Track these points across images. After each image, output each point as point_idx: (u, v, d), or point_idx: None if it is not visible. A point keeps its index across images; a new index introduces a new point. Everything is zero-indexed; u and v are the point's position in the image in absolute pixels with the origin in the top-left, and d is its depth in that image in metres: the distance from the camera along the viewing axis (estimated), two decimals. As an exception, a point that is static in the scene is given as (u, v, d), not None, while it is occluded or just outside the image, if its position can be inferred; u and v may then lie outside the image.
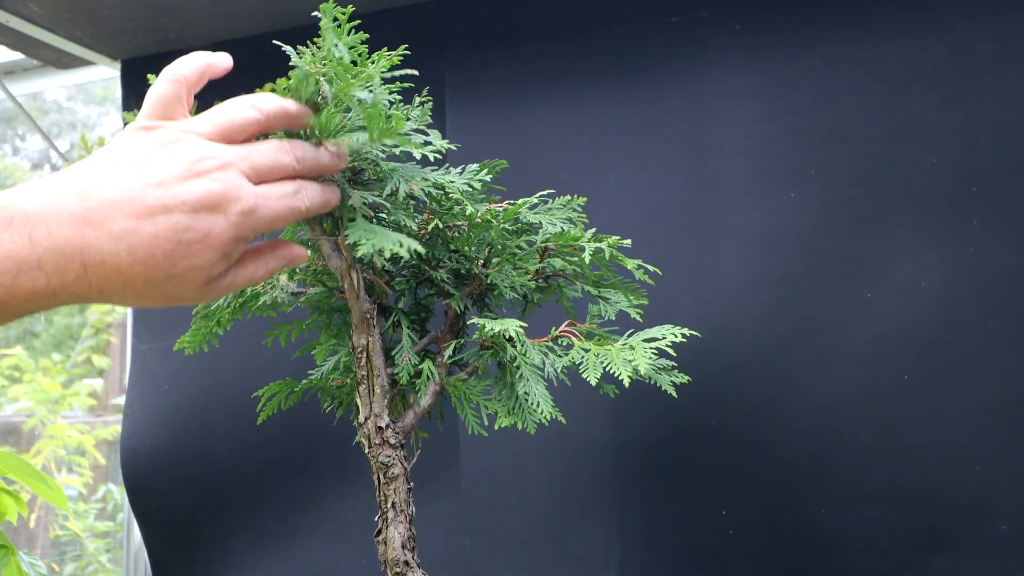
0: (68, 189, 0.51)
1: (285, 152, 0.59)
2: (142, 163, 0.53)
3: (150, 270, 0.52)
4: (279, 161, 0.58)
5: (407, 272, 0.80)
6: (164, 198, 0.52)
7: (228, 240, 0.54)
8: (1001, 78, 0.98)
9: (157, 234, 0.51)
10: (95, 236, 0.50)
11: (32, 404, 3.44)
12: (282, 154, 0.58)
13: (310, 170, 0.61)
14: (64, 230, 0.50)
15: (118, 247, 0.50)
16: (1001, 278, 0.97)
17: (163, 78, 0.59)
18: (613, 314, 0.80)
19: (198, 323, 0.82)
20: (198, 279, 0.54)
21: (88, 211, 0.50)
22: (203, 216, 0.53)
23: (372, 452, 0.74)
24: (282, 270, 0.62)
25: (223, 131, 0.57)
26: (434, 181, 0.72)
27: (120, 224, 0.51)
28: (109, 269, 0.51)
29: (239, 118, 0.58)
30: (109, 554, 3.21)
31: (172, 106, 0.58)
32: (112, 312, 3.68)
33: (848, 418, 1.02)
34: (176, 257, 0.52)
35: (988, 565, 0.97)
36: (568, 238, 0.75)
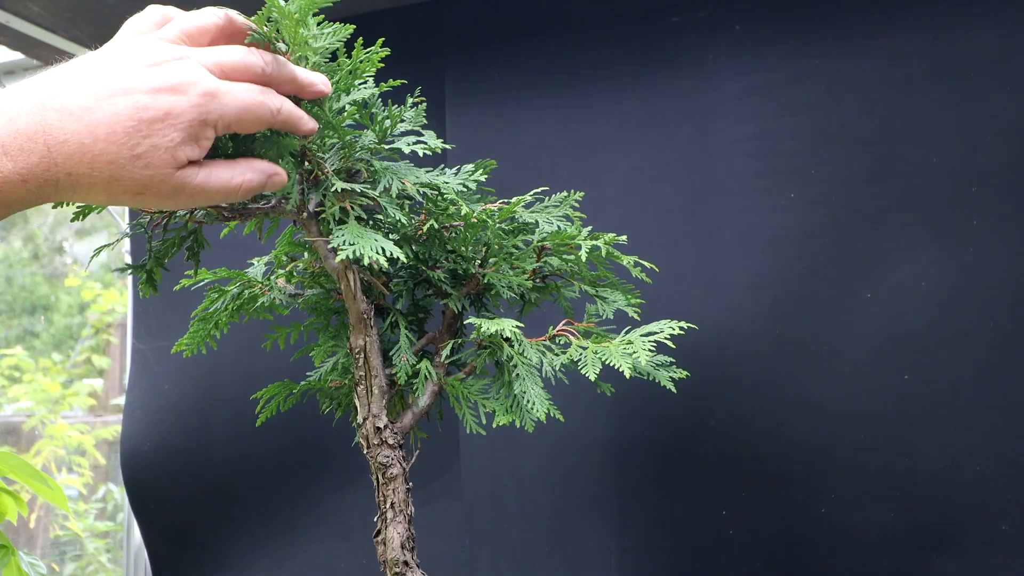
0: (28, 84, 0.53)
1: (252, 54, 0.60)
2: (104, 60, 0.55)
3: (113, 148, 0.52)
4: (245, 60, 0.59)
5: (404, 273, 0.80)
6: (123, 81, 0.53)
7: (191, 120, 0.55)
8: (1001, 78, 0.98)
9: (117, 112, 0.52)
10: (55, 116, 0.51)
11: (32, 404, 3.44)
12: (249, 55, 0.60)
13: (283, 79, 0.62)
14: (24, 115, 0.51)
15: (78, 124, 0.52)
16: (1001, 278, 0.97)
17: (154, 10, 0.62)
18: (611, 313, 0.80)
19: (196, 325, 0.82)
20: (164, 160, 0.54)
21: (48, 96, 0.52)
22: (163, 95, 0.54)
23: (371, 452, 0.74)
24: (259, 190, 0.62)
25: (187, 33, 0.59)
26: (428, 181, 0.72)
27: (79, 103, 0.52)
28: (72, 148, 0.51)
29: (200, 22, 0.60)
30: (109, 554, 3.21)
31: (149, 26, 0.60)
32: (112, 312, 3.68)
33: (848, 418, 1.02)
34: (138, 135, 0.53)
35: (988, 565, 0.97)
36: (564, 237, 0.75)
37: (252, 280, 0.82)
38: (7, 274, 4.48)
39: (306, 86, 0.63)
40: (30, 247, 4.55)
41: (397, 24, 1.26)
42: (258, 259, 0.86)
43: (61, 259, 4.64)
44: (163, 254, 0.76)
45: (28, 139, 0.51)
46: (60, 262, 4.62)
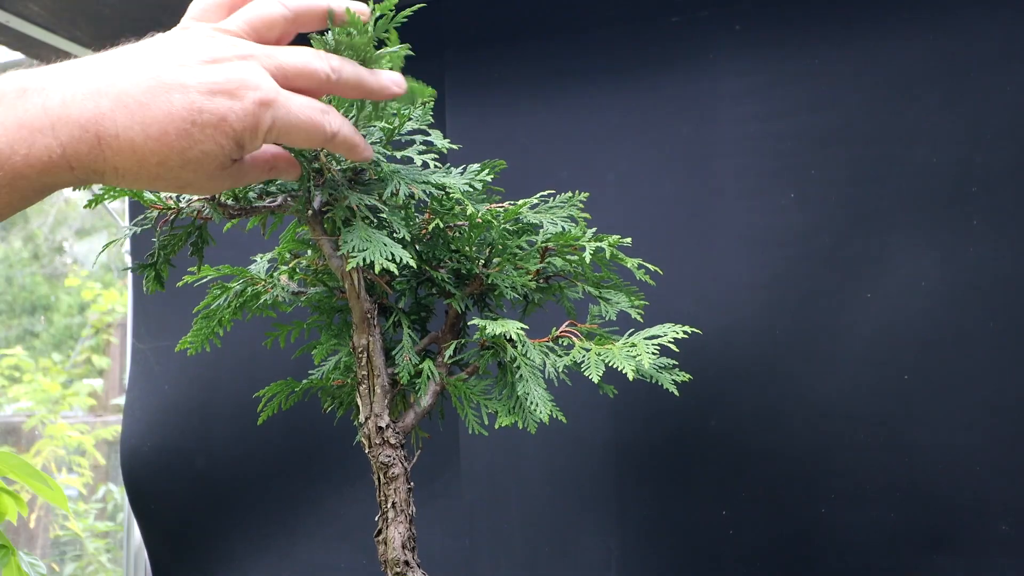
0: (85, 65, 0.51)
1: (318, 58, 0.57)
2: (163, 50, 0.53)
3: (164, 150, 0.51)
4: (310, 64, 0.56)
5: (408, 272, 0.80)
6: (181, 77, 0.51)
7: (244, 128, 0.53)
8: (1001, 78, 0.98)
9: (172, 112, 0.50)
10: (110, 108, 0.50)
11: (32, 404, 3.44)
12: (315, 59, 0.57)
13: (350, 87, 0.59)
14: (79, 100, 0.49)
15: (132, 121, 0.50)
16: (1001, 278, 0.97)
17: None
18: (614, 314, 0.80)
19: (199, 323, 0.82)
20: (211, 166, 0.53)
21: (105, 84, 0.50)
22: (219, 99, 0.52)
23: (372, 452, 0.74)
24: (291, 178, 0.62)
25: (252, 26, 0.56)
26: (435, 182, 0.72)
27: (135, 98, 0.50)
28: (123, 144, 0.50)
29: (266, 13, 0.57)
30: (109, 554, 3.21)
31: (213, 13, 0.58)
32: (112, 312, 3.68)
33: (848, 418, 1.02)
34: (190, 139, 0.51)
35: (988, 565, 0.97)
36: (569, 238, 0.75)
37: (255, 277, 0.81)
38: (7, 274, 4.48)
39: (377, 92, 0.61)
40: (30, 247, 4.55)
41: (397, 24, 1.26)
42: (261, 256, 0.86)
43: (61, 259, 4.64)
44: (169, 250, 0.76)
45: (80, 127, 0.49)
46: (60, 262, 4.62)
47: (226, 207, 0.72)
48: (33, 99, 0.49)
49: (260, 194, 0.74)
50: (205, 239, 0.77)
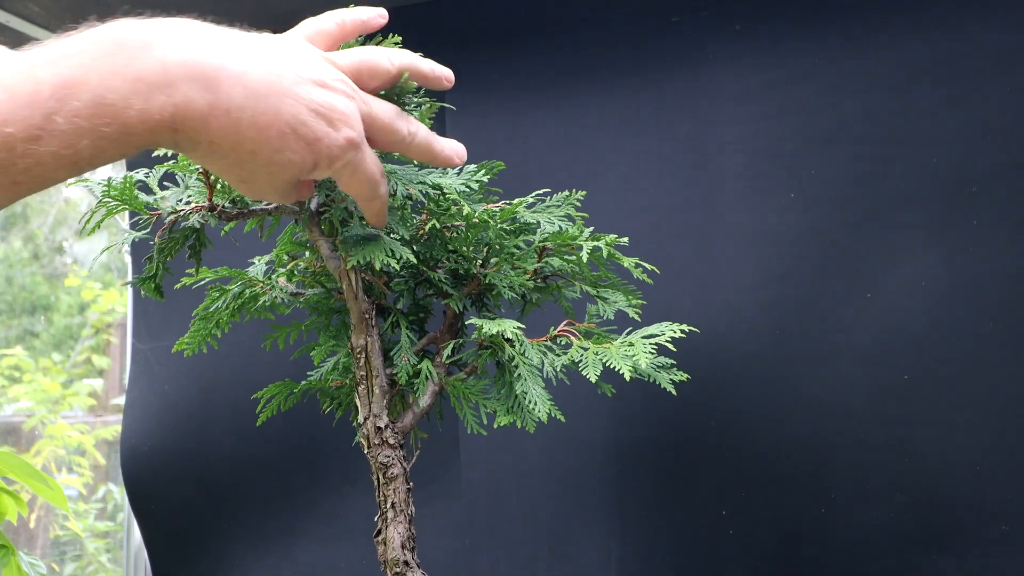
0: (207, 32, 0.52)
1: (403, 118, 0.61)
2: (284, 54, 0.54)
3: (261, 141, 0.52)
4: (394, 123, 0.60)
5: (406, 273, 0.80)
6: (298, 87, 0.53)
7: (329, 156, 0.55)
8: (1001, 78, 0.98)
9: (281, 113, 0.52)
10: (229, 82, 0.50)
11: (32, 404, 3.44)
12: (400, 119, 0.61)
13: (420, 151, 0.63)
14: (201, 64, 0.49)
15: (246, 102, 0.51)
16: (1001, 278, 0.97)
17: (329, 17, 0.63)
18: (612, 314, 0.80)
19: (197, 324, 0.82)
20: (286, 175, 0.55)
21: (227, 58, 0.50)
22: (320, 121, 0.54)
23: (371, 452, 0.74)
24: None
25: (358, 69, 0.60)
26: (431, 183, 0.72)
27: (255, 85, 0.51)
28: (231, 120, 0.50)
29: (372, 62, 0.61)
30: (109, 554, 3.22)
31: (319, 39, 0.62)
32: (112, 312, 3.68)
33: (848, 418, 1.02)
34: (284, 144, 0.53)
35: (988, 565, 0.97)
36: (566, 237, 0.75)
37: (253, 279, 0.82)
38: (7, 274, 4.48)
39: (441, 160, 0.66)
40: (30, 247, 4.55)
41: (397, 24, 1.26)
42: (259, 258, 0.86)
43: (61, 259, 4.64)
44: (167, 253, 0.76)
45: (198, 91, 0.49)
46: (60, 262, 4.62)
47: (223, 210, 0.72)
48: (154, 53, 0.48)
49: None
50: (203, 242, 0.77)
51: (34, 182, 0.46)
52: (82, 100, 0.46)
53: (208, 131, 0.50)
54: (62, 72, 0.46)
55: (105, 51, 0.47)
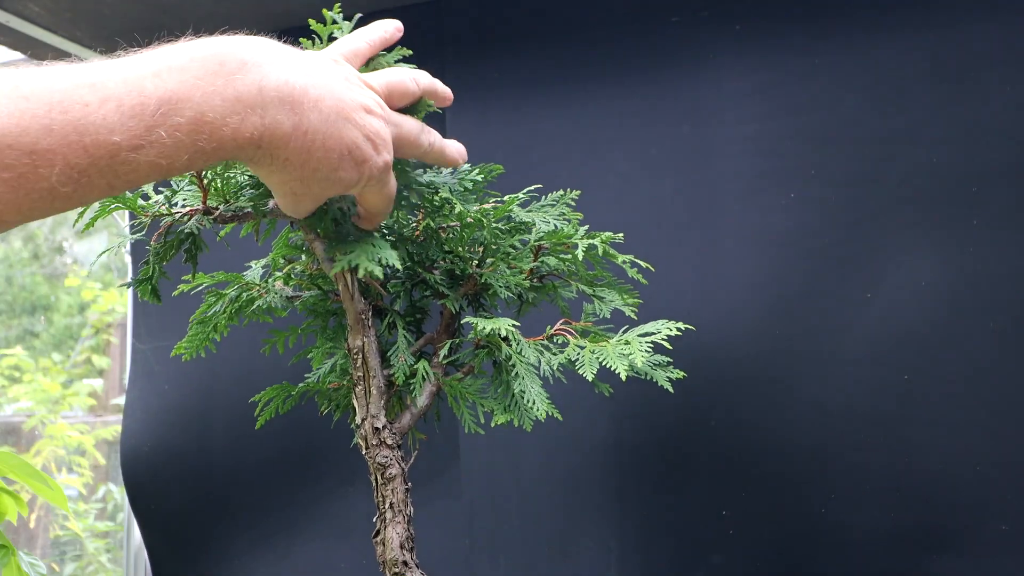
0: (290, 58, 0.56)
1: (426, 132, 0.68)
2: (339, 80, 0.60)
3: (324, 159, 0.58)
4: (418, 138, 0.67)
5: (402, 274, 0.80)
6: (356, 113, 0.59)
7: (368, 176, 0.61)
8: (1001, 78, 0.98)
9: (343, 137, 0.58)
10: (309, 108, 0.55)
11: (32, 404, 3.44)
12: (423, 133, 0.68)
13: (433, 157, 0.70)
14: (290, 91, 0.54)
15: (320, 126, 0.56)
16: (1001, 278, 0.97)
17: (360, 36, 0.69)
18: (608, 312, 0.79)
19: (195, 328, 0.82)
20: (334, 190, 0.61)
21: (311, 81, 0.56)
22: (368, 145, 0.60)
23: (369, 453, 0.74)
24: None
25: (388, 91, 0.65)
26: (424, 182, 0.73)
27: (325, 111, 0.57)
28: (306, 141, 0.56)
29: (402, 85, 0.67)
30: (109, 554, 3.22)
31: (355, 61, 0.67)
32: (112, 312, 3.68)
33: (848, 418, 1.02)
34: (342, 163, 0.59)
35: (988, 565, 0.97)
36: (561, 236, 0.75)
37: (250, 283, 0.82)
38: (7, 274, 4.48)
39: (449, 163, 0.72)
40: (30, 247, 4.55)
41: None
42: (255, 262, 0.86)
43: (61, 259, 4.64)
44: (162, 256, 0.76)
45: (285, 114, 0.54)
46: (60, 262, 4.62)
47: (218, 213, 0.73)
48: (252, 75, 0.53)
49: (252, 199, 0.74)
50: (199, 246, 0.77)
51: (125, 185, 0.50)
52: (184, 116, 0.49)
53: (287, 149, 0.55)
54: (167, 87, 0.49)
55: (207, 70, 0.51)
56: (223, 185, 0.72)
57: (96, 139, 0.47)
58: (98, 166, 0.47)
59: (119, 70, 0.49)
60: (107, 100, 0.47)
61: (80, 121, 0.46)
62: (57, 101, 0.46)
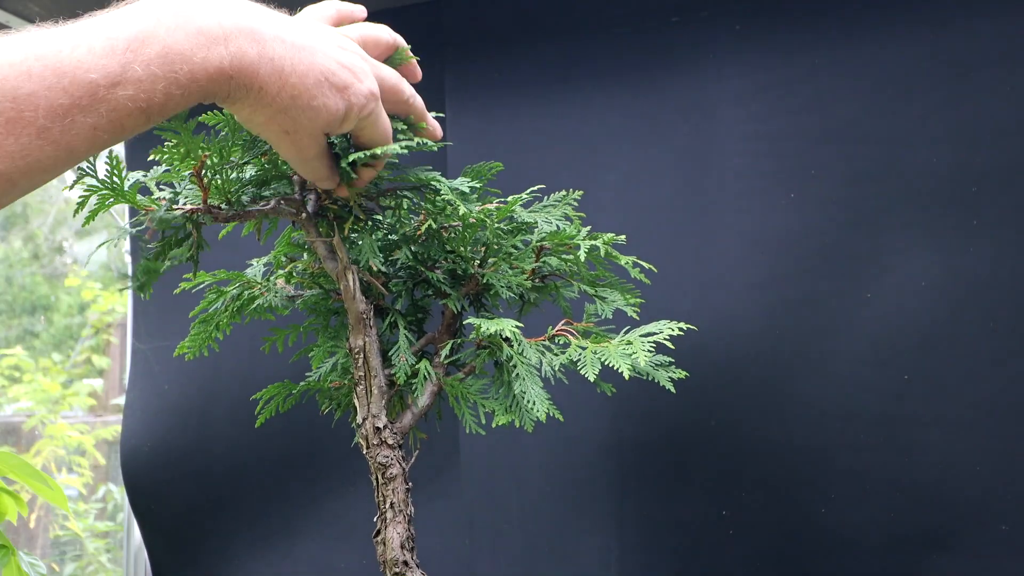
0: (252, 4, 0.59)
1: (405, 83, 0.71)
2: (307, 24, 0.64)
3: (301, 86, 0.60)
4: (399, 85, 0.70)
5: (404, 273, 0.80)
6: (324, 47, 0.62)
7: (354, 104, 0.63)
8: (1001, 78, 0.98)
9: (314, 64, 0.61)
10: (271, 38, 0.58)
11: (32, 404, 3.44)
12: (402, 83, 0.71)
13: (417, 113, 0.72)
14: (248, 23, 0.57)
15: (287, 54, 0.59)
16: (1001, 278, 0.97)
17: (327, 5, 0.73)
18: (610, 313, 0.79)
19: (196, 328, 0.82)
20: (320, 123, 0.63)
21: (266, 23, 0.59)
22: (347, 73, 0.63)
23: (370, 453, 0.74)
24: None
25: (363, 40, 0.69)
26: (428, 178, 0.73)
27: (293, 41, 0.60)
28: (275, 67, 0.58)
29: (375, 34, 0.71)
30: (109, 554, 3.22)
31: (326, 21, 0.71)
32: (112, 312, 3.68)
33: (848, 418, 1.02)
34: (320, 89, 0.61)
35: (988, 565, 0.97)
36: (563, 236, 0.75)
37: (251, 281, 0.82)
38: (7, 274, 4.48)
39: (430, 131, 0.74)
40: (30, 247, 4.55)
41: (397, 24, 1.25)
42: (257, 260, 0.86)
43: (61, 259, 4.64)
44: (160, 255, 0.76)
45: (249, 43, 0.57)
46: (60, 262, 4.62)
47: (218, 211, 0.73)
48: (208, 13, 0.56)
49: (253, 198, 0.74)
50: (200, 244, 0.77)
51: (110, 127, 0.52)
52: (154, 50, 0.52)
53: (258, 77, 0.58)
54: (132, 27, 0.52)
55: (166, 10, 0.54)
56: (224, 183, 0.72)
57: (74, 79, 0.50)
58: (80, 105, 0.50)
59: (84, 22, 0.53)
60: (78, 45, 0.51)
61: (57, 64, 0.50)
62: (31, 50, 0.50)
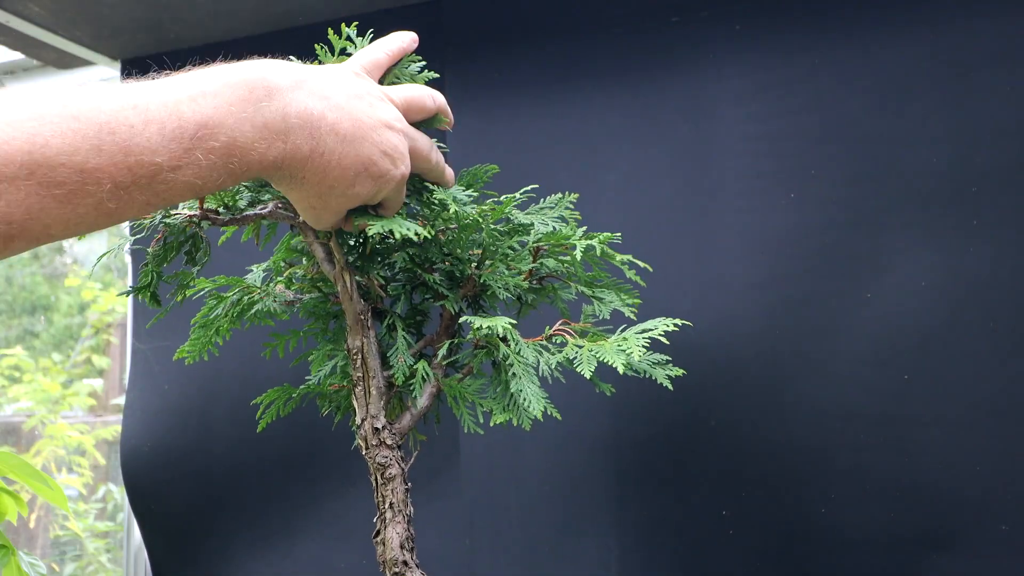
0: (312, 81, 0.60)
1: (435, 151, 0.72)
2: (359, 97, 0.63)
3: (341, 177, 0.62)
4: (429, 154, 0.71)
5: (402, 276, 0.80)
6: (374, 131, 0.63)
7: (386, 189, 0.65)
8: (1001, 78, 0.98)
9: (359, 155, 0.62)
10: (327, 131, 0.59)
11: (32, 404, 3.44)
12: (433, 151, 0.71)
13: (436, 175, 0.73)
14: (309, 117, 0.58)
15: (336, 147, 0.60)
16: (1001, 278, 0.97)
17: (380, 48, 0.72)
18: (607, 313, 0.80)
19: (197, 332, 0.82)
20: (351, 204, 0.65)
21: (330, 105, 0.60)
22: (386, 160, 0.64)
23: (369, 453, 0.75)
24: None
25: (407, 105, 0.69)
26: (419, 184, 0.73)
27: (343, 132, 0.60)
28: (323, 162, 0.60)
29: (420, 100, 0.70)
30: (109, 554, 3.22)
31: (375, 72, 0.70)
32: (112, 312, 3.68)
33: (848, 418, 1.02)
34: (358, 179, 0.63)
35: (988, 565, 0.97)
36: (559, 237, 0.75)
37: (251, 286, 0.82)
38: (7, 274, 4.48)
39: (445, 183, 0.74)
40: (30, 247, 4.54)
41: (397, 24, 1.26)
42: (256, 266, 0.86)
43: (61, 259, 4.64)
44: (162, 261, 0.76)
45: (305, 139, 0.58)
46: (60, 262, 4.62)
47: (216, 215, 0.73)
48: (276, 103, 0.57)
49: (251, 202, 0.74)
50: (198, 247, 0.77)
51: (161, 202, 0.53)
52: (219, 141, 0.54)
53: (305, 170, 0.60)
54: (204, 112, 0.53)
55: (238, 96, 0.55)
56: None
57: (140, 159, 0.50)
58: (139, 184, 0.51)
59: (158, 94, 0.53)
60: (150, 123, 0.51)
61: (126, 142, 0.50)
62: (104, 122, 0.50)
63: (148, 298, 0.77)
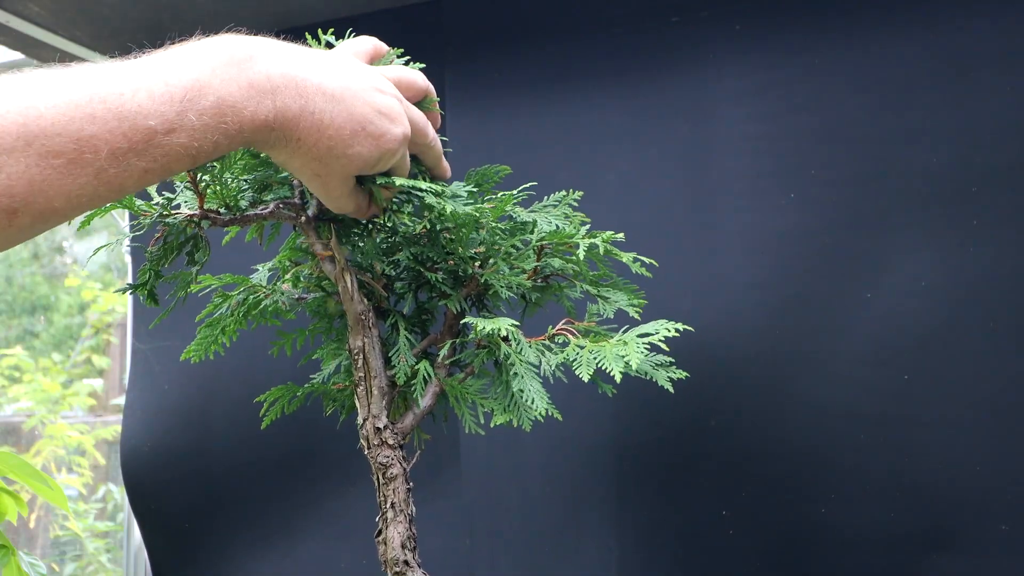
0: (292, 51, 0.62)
1: (431, 127, 0.73)
2: (349, 67, 0.65)
3: (338, 137, 0.62)
4: (426, 129, 0.72)
5: (407, 276, 0.80)
6: (363, 93, 0.64)
7: (388, 149, 0.66)
8: (1001, 78, 0.98)
9: (353, 113, 0.63)
10: (314, 91, 0.61)
11: (32, 404, 3.44)
12: (428, 127, 0.72)
13: (433, 155, 0.74)
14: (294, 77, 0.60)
15: (327, 105, 0.61)
16: (1001, 278, 0.97)
17: (368, 41, 0.74)
18: (612, 312, 0.80)
19: (203, 332, 0.83)
20: (353, 168, 0.65)
21: (310, 72, 0.61)
22: (383, 120, 0.65)
23: (371, 453, 0.75)
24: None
25: (398, 81, 0.71)
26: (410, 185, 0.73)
27: (332, 92, 0.62)
28: (316, 119, 0.61)
29: (411, 78, 0.72)
30: (109, 554, 3.22)
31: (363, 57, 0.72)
32: (112, 312, 3.68)
33: (848, 418, 1.02)
34: (356, 138, 0.63)
35: (988, 565, 0.97)
36: (563, 236, 0.75)
37: (257, 285, 0.82)
38: (7, 274, 4.48)
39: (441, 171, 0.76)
40: (30, 247, 4.55)
41: (397, 24, 1.26)
42: (262, 265, 0.86)
43: (61, 259, 4.64)
44: (160, 262, 0.76)
45: (293, 97, 0.59)
46: (60, 262, 4.62)
47: (216, 216, 0.73)
48: (259, 65, 0.58)
49: (252, 202, 0.74)
50: (199, 247, 0.77)
51: (159, 169, 0.54)
52: (208, 101, 0.55)
53: (298, 129, 0.60)
54: (190, 76, 0.55)
55: (221, 61, 0.57)
56: (221, 189, 0.73)
57: (134, 124, 0.52)
58: (136, 150, 0.52)
59: (143, 64, 0.55)
60: (139, 90, 0.53)
61: (119, 108, 0.51)
62: (95, 91, 0.51)
63: (145, 296, 0.77)
